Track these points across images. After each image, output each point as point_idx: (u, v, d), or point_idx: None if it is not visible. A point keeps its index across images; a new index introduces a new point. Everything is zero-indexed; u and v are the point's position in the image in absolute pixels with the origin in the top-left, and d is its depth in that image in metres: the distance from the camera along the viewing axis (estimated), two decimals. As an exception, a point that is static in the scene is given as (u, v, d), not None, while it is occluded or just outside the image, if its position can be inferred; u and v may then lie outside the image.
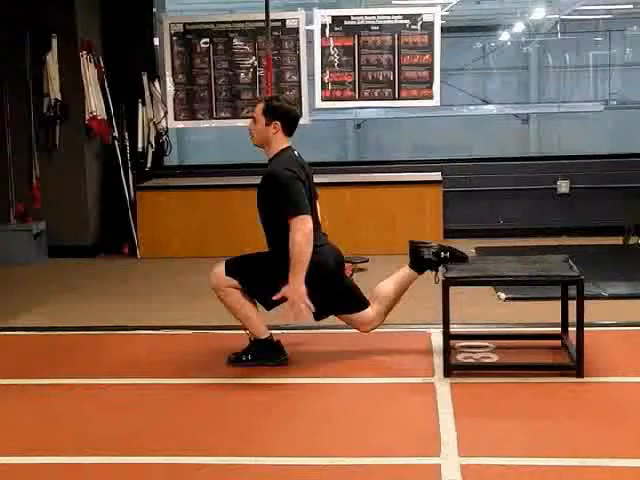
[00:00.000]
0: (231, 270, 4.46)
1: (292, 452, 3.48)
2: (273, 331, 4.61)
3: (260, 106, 4.52)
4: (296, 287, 4.25)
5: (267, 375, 4.41)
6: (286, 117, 4.50)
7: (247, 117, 8.16)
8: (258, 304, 4.54)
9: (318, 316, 4.61)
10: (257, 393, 4.21)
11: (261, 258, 4.55)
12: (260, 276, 4.48)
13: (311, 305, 4.29)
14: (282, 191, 4.35)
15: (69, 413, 3.99)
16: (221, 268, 4.49)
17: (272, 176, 4.43)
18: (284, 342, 4.62)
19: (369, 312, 4.64)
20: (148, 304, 6.20)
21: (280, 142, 4.51)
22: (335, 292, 4.56)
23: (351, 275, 6.60)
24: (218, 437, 3.66)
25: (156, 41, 8.67)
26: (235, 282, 4.45)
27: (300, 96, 8.30)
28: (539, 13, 14.91)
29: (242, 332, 4.60)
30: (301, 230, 4.27)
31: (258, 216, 4.57)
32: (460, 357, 4.56)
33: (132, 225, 8.17)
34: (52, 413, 3.99)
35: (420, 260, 4.63)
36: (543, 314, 5.30)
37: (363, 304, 4.64)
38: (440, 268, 4.55)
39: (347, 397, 4.15)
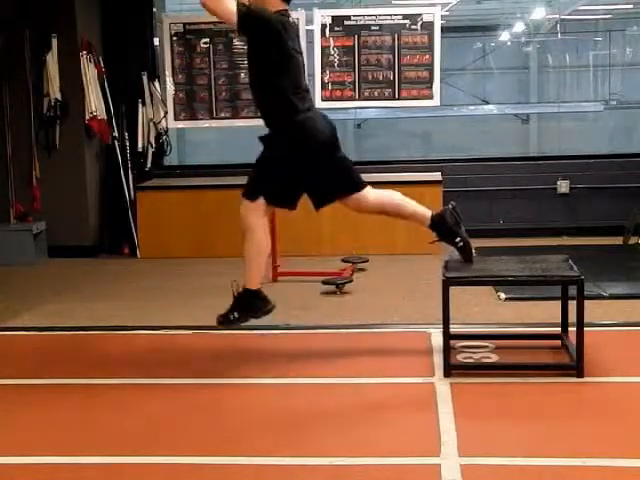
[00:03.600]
0: (250, 194, 4.46)
1: (292, 452, 3.48)
2: (273, 331, 4.62)
3: None
4: None
5: (267, 375, 4.41)
6: None
7: (247, 117, 8.23)
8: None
9: (320, 201, 4.58)
10: (257, 393, 4.21)
11: (262, 161, 4.53)
12: (271, 177, 4.46)
13: None
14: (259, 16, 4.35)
15: (69, 413, 3.99)
16: (244, 203, 4.47)
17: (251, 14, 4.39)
18: (284, 342, 4.62)
19: (370, 194, 4.58)
20: (148, 304, 6.20)
21: (275, 4, 4.46)
22: (337, 167, 4.52)
23: (351, 275, 6.62)
24: (218, 437, 3.66)
25: (156, 41, 8.67)
26: (262, 201, 4.43)
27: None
28: (539, 13, 14.90)
29: (248, 332, 4.58)
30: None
31: (252, 95, 4.58)
32: (460, 357, 4.56)
33: (132, 225, 8.17)
34: (52, 413, 3.99)
35: (440, 217, 4.56)
36: (543, 314, 5.30)
37: (362, 182, 4.58)
38: (440, 267, 4.54)
39: (347, 397, 4.15)
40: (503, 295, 5.89)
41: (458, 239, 4.55)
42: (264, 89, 4.50)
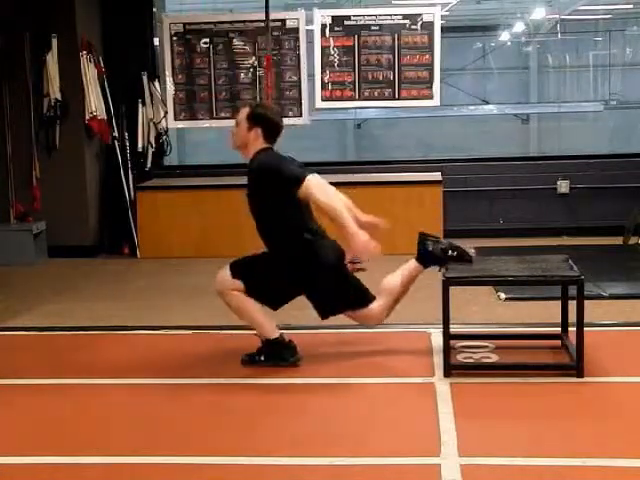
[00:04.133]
0: (235, 273, 4.46)
1: (292, 452, 3.48)
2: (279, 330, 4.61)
3: (244, 110, 4.53)
4: (357, 235, 4.25)
5: (267, 376, 4.41)
6: (268, 125, 4.50)
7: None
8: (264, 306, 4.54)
9: (324, 315, 4.60)
10: (257, 393, 4.21)
11: (264, 258, 4.54)
12: (264, 277, 4.47)
13: (377, 244, 4.29)
14: (277, 171, 4.35)
15: (69, 413, 3.99)
16: (225, 272, 4.48)
17: (260, 166, 4.43)
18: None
19: (374, 306, 4.61)
20: (148, 304, 6.20)
21: (259, 146, 4.50)
22: (339, 286, 4.54)
23: (356, 269, 6.60)
24: (218, 437, 3.66)
25: (156, 41, 8.67)
26: (240, 285, 4.44)
27: (300, 96, 8.31)
28: (539, 13, 14.91)
29: (249, 332, 4.59)
30: (315, 187, 4.26)
31: (252, 217, 4.55)
32: (460, 357, 4.56)
33: (132, 225, 8.17)
34: (52, 413, 3.99)
35: (425, 252, 4.61)
36: (543, 314, 5.30)
37: (368, 298, 4.62)
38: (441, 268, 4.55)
39: (347, 397, 4.15)
40: (503, 295, 5.89)
41: (449, 252, 4.57)
42: (269, 225, 4.50)
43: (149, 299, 6.38)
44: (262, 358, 4.53)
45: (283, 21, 8.24)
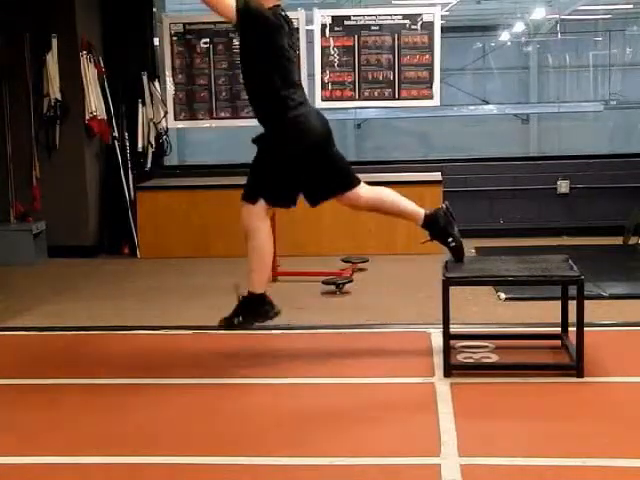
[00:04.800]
0: (250, 197, 4.44)
1: (292, 452, 3.48)
2: (273, 331, 4.61)
3: None
4: None
5: (267, 376, 4.40)
6: None
7: (247, 117, 8.22)
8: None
9: (316, 200, 4.58)
10: (257, 393, 4.21)
11: (259, 161, 4.52)
12: (270, 177, 4.45)
13: None
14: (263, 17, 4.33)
15: (69, 413, 3.99)
16: (245, 206, 4.45)
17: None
18: (284, 342, 4.62)
19: (363, 191, 4.57)
20: (148, 304, 6.20)
21: (271, 3, 4.43)
22: (332, 165, 4.52)
23: (351, 275, 6.62)
24: (218, 437, 3.66)
25: (156, 41, 8.67)
26: (262, 203, 4.41)
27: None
28: (539, 13, 14.92)
29: (248, 332, 4.57)
30: None
31: (246, 90, 4.59)
32: (460, 357, 4.56)
33: (132, 225, 8.17)
34: (52, 413, 3.99)
35: (433, 217, 4.56)
36: (543, 314, 5.30)
37: (357, 180, 4.58)
38: (440, 267, 4.54)
39: (347, 397, 4.15)
40: (503, 295, 5.89)
41: (450, 239, 4.55)
42: (257, 84, 4.50)
43: (149, 299, 6.38)
44: (240, 319, 4.48)
45: (283, 21, 8.23)
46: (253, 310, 4.49)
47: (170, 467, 3.37)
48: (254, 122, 4.68)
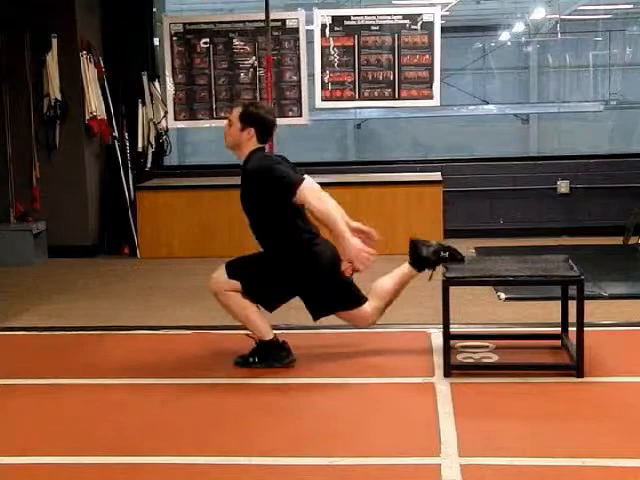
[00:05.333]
0: (231, 273, 4.45)
1: (292, 452, 3.48)
2: (273, 332, 4.61)
3: (237, 110, 4.55)
4: (351, 243, 4.25)
5: (267, 375, 4.41)
6: (261, 124, 4.49)
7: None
8: (260, 307, 4.54)
9: (317, 315, 4.61)
10: (257, 393, 4.21)
11: (260, 259, 4.54)
12: (261, 277, 4.47)
13: (371, 250, 4.30)
14: (271, 177, 4.33)
15: (69, 413, 3.99)
16: (221, 272, 4.47)
17: (255, 170, 4.41)
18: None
19: (367, 308, 4.61)
20: (148, 304, 6.20)
21: (252, 147, 4.49)
22: (334, 286, 4.53)
23: (351, 275, 6.60)
24: (218, 437, 3.66)
25: (156, 41, 8.68)
26: (236, 285, 4.43)
27: (300, 96, 8.31)
28: (539, 13, 14.89)
29: (243, 332, 4.60)
30: (311, 194, 4.26)
31: (247, 219, 4.55)
32: (460, 357, 4.56)
33: (132, 225, 8.17)
34: (52, 413, 3.99)
35: (419, 258, 4.62)
36: (543, 314, 5.30)
37: (361, 300, 4.62)
38: (440, 267, 4.54)
39: (347, 397, 4.15)
40: (503, 295, 5.89)
41: (441, 254, 4.58)
42: (264, 228, 4.50)
43: (149, 299, 6.38)
44: (256, 360, 4.51)
45: (283, 21, 8.25)
46: (268, 354, 4.51)
47: (170, 467, 3.37)
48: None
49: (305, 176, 4.42)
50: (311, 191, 4.29)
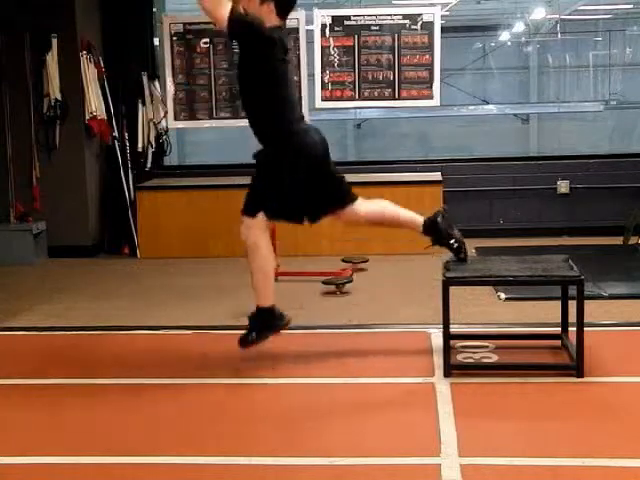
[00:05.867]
0: (250, 211, 4.45)
1: (292, 452, 3.48)
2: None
3: None
4: None
5: (267, 375, 4.41)
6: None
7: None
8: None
9: (316, 216, 4.59)
10: (257, 393, 4.21)
11: (259, 177, 4.53)
12: (270, 193, 4.45)
13: None
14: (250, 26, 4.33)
15: (69, 413, 3.99)
16: (246, 220, 4.45)
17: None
18: (284, 342, 4.62)
19: (361, 206, 4.60)
20: (148, 304, 6.20)
21: (270, 19, 4.42)
22: (326, 179, 4.52)
23: (351, 275, 6.62)
24: (218, 437, 3.66)
25: (156, 41, 8.68)
26: (262, 217, 4.42)
27: (300, 96, 8.29)
28: (539, 13, 14.90)
29: (243, 332, 4.58)
30: None
31: (245, 112, 4.55)
32: (460, 357, 4.56)
33: (132, 225, 8.17)
34: (52, 413, 3.99)
35: (433, 221, 4.59)
36: (543, 314, 5.30)
37: (354, 194, 4.59)
38: (440, 267, 4.54)
39: (347, 397, 4.15)
40: (503, 295, 5.89)
41: (452, 241, 4.57)
42: (254, 101, 4.51)
43: (149, 299, 6.38)
44: (254, 336, 4.50)
45: (283, 21, 8.23)
46: (264, 324, 4.51)
47: (170, 467, 3.37)
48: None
49: None
50: None
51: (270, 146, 4.50)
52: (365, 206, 4.63)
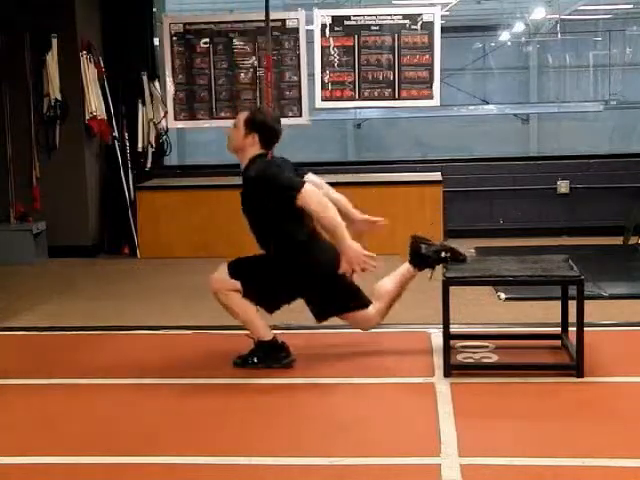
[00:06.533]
0: (232, 273, 4.45)
1: (292, 452, 3.48)
2: (273, 332, 4.61)
3: (243, 115, 4.51)
4: (351, 248, 4.29)
5: (267, 376, 4.40)
6: (266, 131, 4.47)
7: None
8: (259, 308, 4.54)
9: (320, 317, 4.61)
10: (257, 393, 4.21)
11: (261, 261, 4.54)
12: (262, 279, 4.47)
13: (371, 254, 4.34)
14: (272, 185, 4.33)
15: (69, 413, 3.99)
16: (222, 271, 4.47)
17: (257, 176, 4.39)
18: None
19: (370, 310, 4.63)
20: (148, 304, 6.20)
21: (254, 152, 4.47)
22: (337, 289, 4.54)
23: (351, 275, 6.60)
24: (218, 437, 3.66)
25: (156, 41, 8.68)
26: (237, 285, 4.43)
27: (300, 96, 8.31)
28: (539, 13, 14.90)
29: (243, 332, 4.60)
30: (314, 198, 4.25)
31: (247, 223, 4.55)
32: (460, 357, 4.56)
33: (132, 225, 8.17)
34: (52, 413, 3.99)
35: (417, 255, 4.62)
36: (543, 314, 5.30)
37: (365, 302, 4.62)
38: (440, 267, 4.54)
39: (347, 397, 4.15)
40: (503, 295, 5.89)
41: (442, 254, 4.57)
42: (269, 231, 4.49)
43: (149, 299, 6.38)
44: (255, 360, 4.51)
45: (283, 21, 8.24)
46: (268, 354, 4.51)
47: (170, 467, 3.37)
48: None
49: (307, 176, 4.44)
50: (313, 195, 4.28)
51: (281, 260, 4.49)
52: (374, 306, 4.63)
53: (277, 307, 4.56)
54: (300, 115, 8.32)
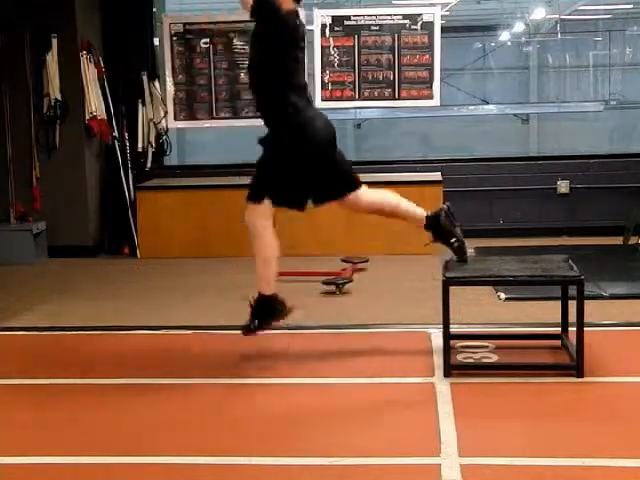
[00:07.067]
0: (255, 196, 4.44)
1: (292, 452, 3.48)
2: (273, 332, 4.61)
3: None
4: None
5: (267, 376, 4.41)
6: None
7: (247, 117, 8.22)
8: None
9: (317, 200, 4.59)
10: (257, 393, 4.21)
11: (263, 162, 4.52)
12: (275, 178, 4.44)
13: None
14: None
15: (68, 413, 3.99)
16: (251, 205, 4.44)
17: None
18: (283, 342, 4.62)
19: (365, 193, 4.59)
20: (148, 304, 6.20)
21: (286, 3, 4.41)
22: (331, 164, 4.53)
23: (351, 275, 6.62)
24: (218, 437, 3.66)
25: (156, 41, 8.68)
26: (267, 204, 4.41)
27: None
28: (539, 13, 14.92)
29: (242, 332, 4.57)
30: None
31: (253, 94, 4.58)
32: (460, 357, 4.56)
33: (132, 225, 8.17)
34: (52, 413, 3.99)
35: (434, 218, 4.58)
36: (543, 314, 5.30)
37: (359, 181, 4.60)
38: (440, 267, 4.54)
39: (347, 397, 4.15)
40: (503, 295, 5.89)
41: (453, 239, 4.56)
42: (263, 84, 4.50)
43: (149, 299, 6.38)
44: (255, 324, 4.49)
45: (283, 21, 8.23)
46: (266, 312, 4.50)
47: (170, 467, 3.37)
48: (254, 122, 4.68)
49: None
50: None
51: (275, 129, 4.49)
52: (368, 193, 4.62)
53: (303, 200, 4.51)
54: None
